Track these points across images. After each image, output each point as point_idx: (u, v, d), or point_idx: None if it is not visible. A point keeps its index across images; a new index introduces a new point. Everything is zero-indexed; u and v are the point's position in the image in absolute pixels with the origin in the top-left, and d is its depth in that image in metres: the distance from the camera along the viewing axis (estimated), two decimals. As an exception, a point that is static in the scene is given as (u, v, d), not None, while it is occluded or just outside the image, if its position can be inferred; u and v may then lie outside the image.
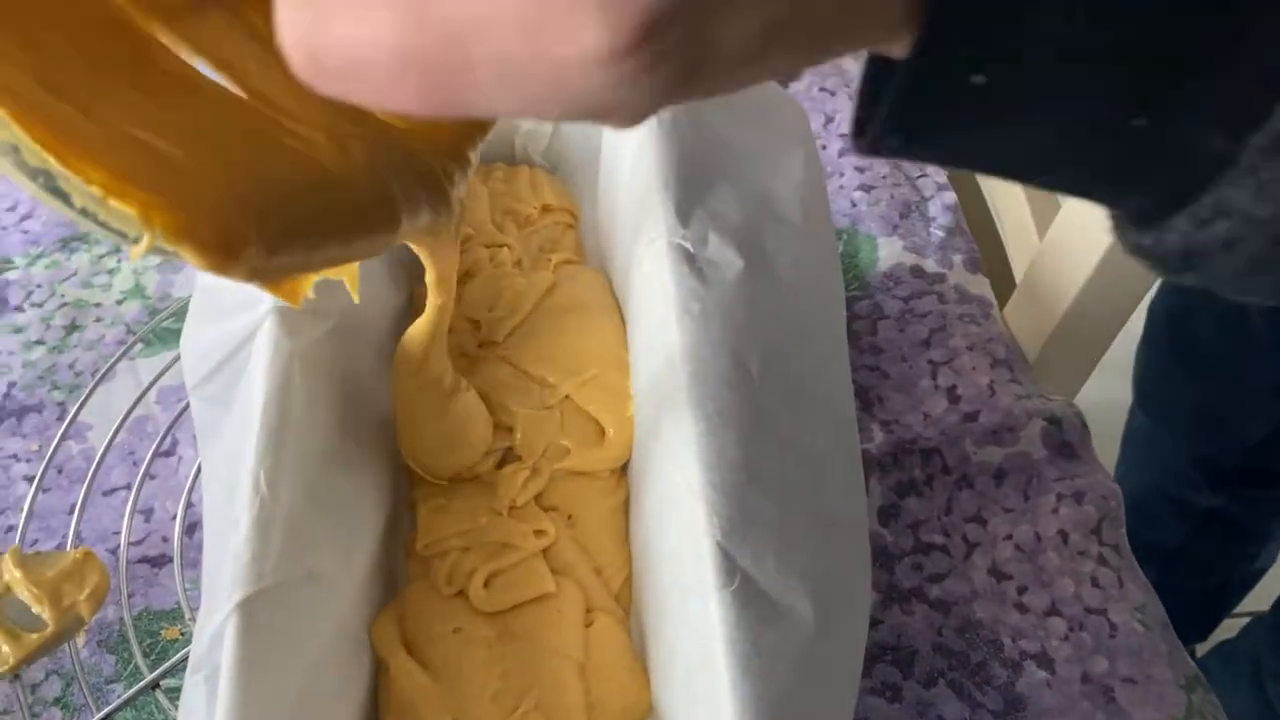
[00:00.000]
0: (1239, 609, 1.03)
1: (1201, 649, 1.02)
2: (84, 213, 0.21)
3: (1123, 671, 0.47)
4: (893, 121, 0.18)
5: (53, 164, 0.20)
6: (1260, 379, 0.76)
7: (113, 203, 0.20)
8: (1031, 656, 0.47)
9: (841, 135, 0.64)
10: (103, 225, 0.21)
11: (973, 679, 0.47)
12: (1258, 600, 0.97)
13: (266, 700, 0.34)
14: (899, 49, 0.17)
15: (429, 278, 0.37)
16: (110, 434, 0.52)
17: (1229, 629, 1.00)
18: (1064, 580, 0.49)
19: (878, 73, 0.18)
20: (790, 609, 0.34)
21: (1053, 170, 0.20)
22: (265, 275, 0.23)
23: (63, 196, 0.21)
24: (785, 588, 0.35)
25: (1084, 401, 0.64)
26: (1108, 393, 0.94)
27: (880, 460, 0.52)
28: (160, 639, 0.50)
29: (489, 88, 0.16)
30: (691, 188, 0.43)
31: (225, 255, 0.21)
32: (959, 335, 0.55)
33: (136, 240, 0.21)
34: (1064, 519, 0.50)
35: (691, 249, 0.41)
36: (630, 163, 0.46)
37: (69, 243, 0.63)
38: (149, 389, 0.54)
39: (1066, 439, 0.52)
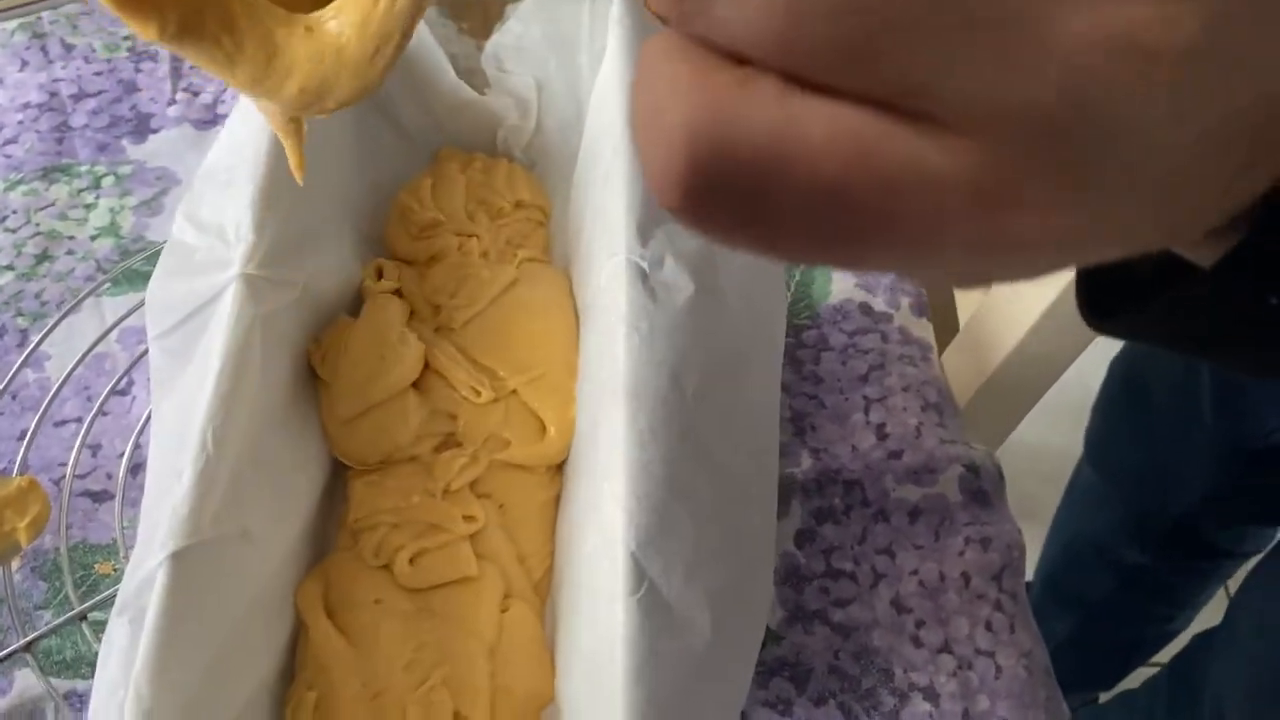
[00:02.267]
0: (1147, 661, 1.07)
1: (1104, 696, 1.06)
2: None
3: (1001, 713, 0.49)
4: (1158, 321, 0.18)
5: None
6: (1200, 453, 0.79)
7: None
8: (919, 689, 0.50)
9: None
10: None
11: (861, 703, 0.49)
12: (1166, 654, 1.01)
13: (187, 648, 0.36)
14: (1202, 255, 0.17)
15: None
16: (70, 367, 0.53)
17: (1132, 679, 1.04)
18: (960, 620, 0.52)
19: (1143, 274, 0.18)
20: (690, 620, 0.37)
21: None
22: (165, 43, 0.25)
23: None
24: (688, 600, 0.37)
25: (1022, 442, 0.67)
26: (1047, 435, 0.98)
27: (805, 484, 0.55)
28: (93, 572, 0.51)
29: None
30: (656, 208, 0.45)
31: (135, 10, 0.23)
32: (896, 375, 0.58)
33: None
34: (969, 562, 0.53)
35: (647, 268, 0.43)
36: (603, 174, 0.48)
37: (50, 173, 0.64)
38: (112, 329, 0.55)
39: (982, 487, 0.55)
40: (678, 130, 0.13)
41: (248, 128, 0.47)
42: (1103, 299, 0.20)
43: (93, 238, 0.61)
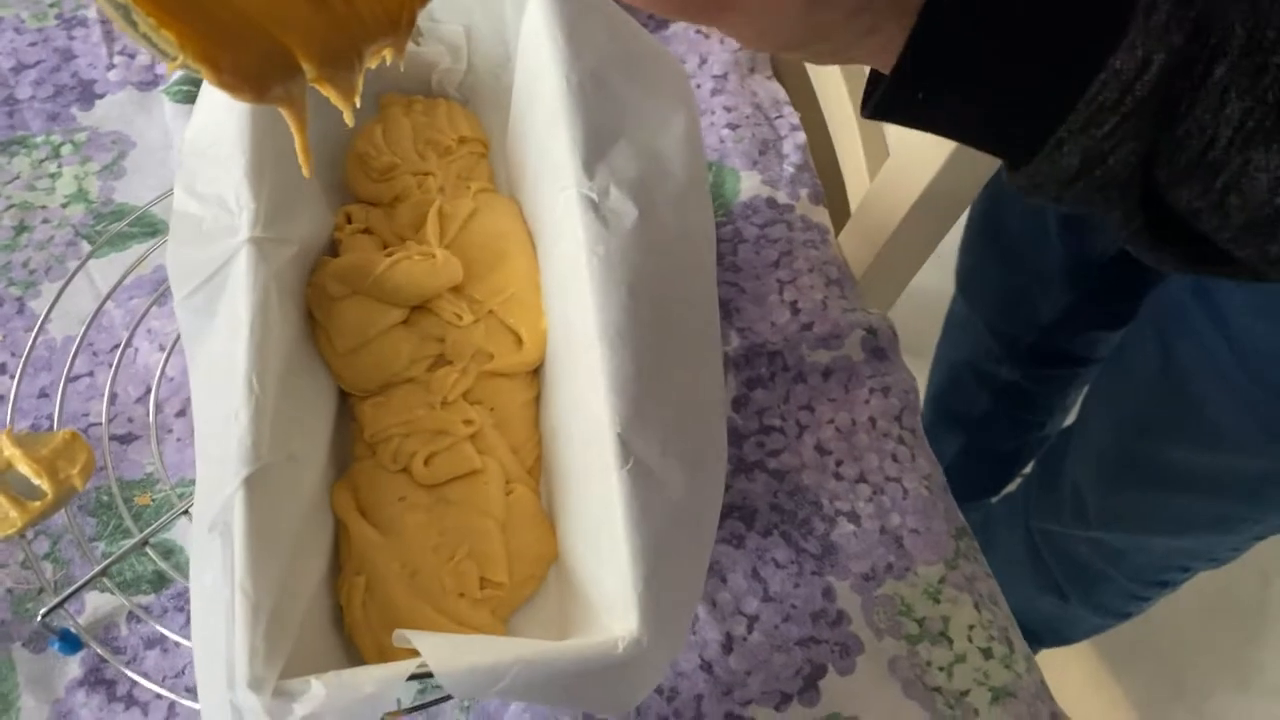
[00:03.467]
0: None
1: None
2: (145, 36, 0.31)
3: (910, 525, 0.61)
4: (878, 105, 0.34)
5: (132, 4, 0.30)
6: (1052, 271, 0.92)
7: (163, 32, 0.30)
8: (844, 514, 0.61)
9: (714, 75, 0.74)
10: (155, 46, 0.31)
11: (799, 530, 0.61)
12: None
13: (269, 553, 0.44)
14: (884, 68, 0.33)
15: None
16: (82, 330, 0.59)
17: (1013, 486, 1.20)
18: (871, 455, 0.63)
19: (875, 77, 0.35)
20: (668, 482, 0.46)
21: (965, 136, 0.35)
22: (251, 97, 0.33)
23: (133, 24, 0.31)
24: (665, 466, 0.47)
25: (921, 287, 0.77)
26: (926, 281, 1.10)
27: (736, 360, 0.65)
28: (134, 504, 0.59)
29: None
30: (596, 144, 0.52)
31: (221, 85, 0.32)
32: (802, 259, 0.67)
33: (174, 59, 0.31)
34: (874, 408, 0.64)
35: (596, 199, 0.51)
36: (545, 117, 0.55)
37: (7, 146, 0.68)
38: (111, 293, 0.61)
39: (880, 345, 0.66)
40: None
41: (223, 104, 0.53)
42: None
43: (64, 205, 0.66)
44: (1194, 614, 1.38)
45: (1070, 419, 1.07)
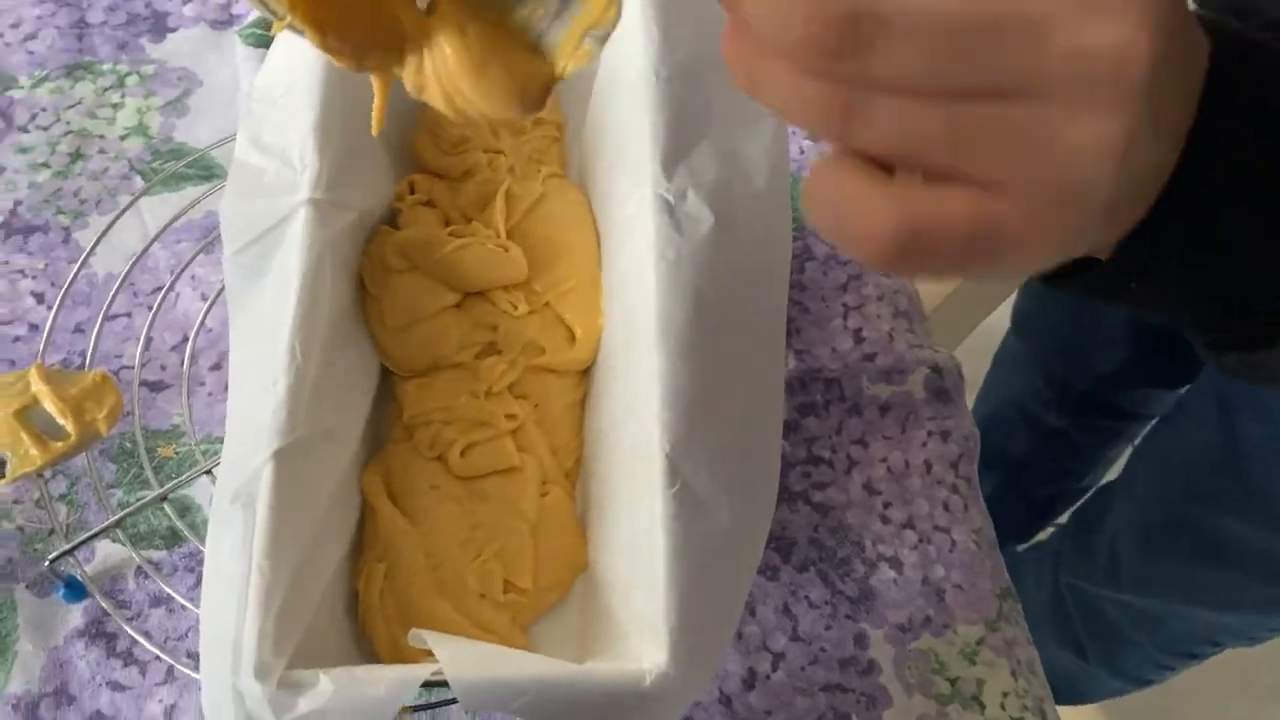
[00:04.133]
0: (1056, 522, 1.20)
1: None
2: None
3: (955, 579, 0.58)
4: (1082, 288, 0.33)
5: None
6: (1115, 323, 0.89)
7: None
8: (886, 559, 0.58)
9: (801, 83, 0.71)
10: (264, 4, 0.30)
11: (837, 570, 0.58)
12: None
13: (292, 531, 0.42)
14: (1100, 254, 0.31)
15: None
16: (126, 268, 0.58)
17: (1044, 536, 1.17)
18: (921, 501, 0.60)
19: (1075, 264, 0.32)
20: (714, 510, 0.44)
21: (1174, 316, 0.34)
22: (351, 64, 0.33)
23: None
24: (712, 493, 0.44)
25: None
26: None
27: (790, 383, 0.62)
28: (157, 455, 0.57)
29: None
30: (678, 144, 0.50)
31: (325, 48, 0.31)
32: (871, 285, 0.64)
33: (282, 19, 0.30)
34: (930, 451, 0.61)
35: (672, 201, 0.48)
36: (625, 108, 0.52)
37: (73, 70, 0.66)
38: (160, 234, 0.59)
39: (944, 385, 0.63)
40: (887, 233, 0.24)
41: (299, 51, 0.51)
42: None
43: (122, 138, 0.64)
44: (1213, 686, 1.34)
45: (1112, 474, 1.04)
